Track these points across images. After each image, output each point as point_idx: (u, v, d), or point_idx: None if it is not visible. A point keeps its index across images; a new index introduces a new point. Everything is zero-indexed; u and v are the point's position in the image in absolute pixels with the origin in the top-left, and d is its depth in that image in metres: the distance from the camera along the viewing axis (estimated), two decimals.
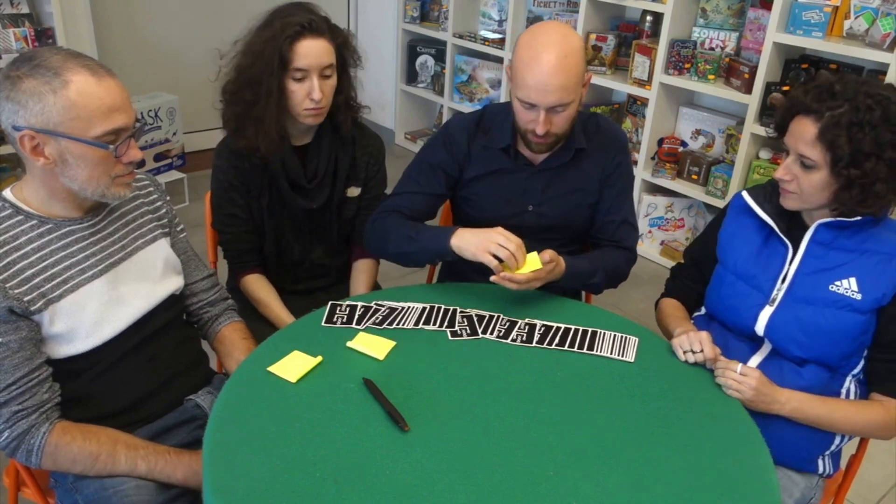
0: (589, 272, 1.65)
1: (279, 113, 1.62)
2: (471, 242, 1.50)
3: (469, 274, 1.80)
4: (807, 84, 1.36)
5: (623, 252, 1.74)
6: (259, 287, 1.78)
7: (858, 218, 1.36)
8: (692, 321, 1.63)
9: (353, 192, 1.83)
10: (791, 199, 1.40)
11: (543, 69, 1.47)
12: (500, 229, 1.49)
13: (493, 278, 1.47)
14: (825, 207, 1.39)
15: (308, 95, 1.60)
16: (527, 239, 1.73)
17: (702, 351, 1.39)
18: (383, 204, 1.74)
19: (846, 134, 1.27)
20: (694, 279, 1.65)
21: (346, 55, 1.67)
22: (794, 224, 1.46)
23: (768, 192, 1.49)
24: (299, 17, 1.56)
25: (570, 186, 1.72)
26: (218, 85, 1.68)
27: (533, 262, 1.48)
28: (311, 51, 1.57)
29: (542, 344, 1.44)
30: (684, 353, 1.40)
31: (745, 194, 1.52)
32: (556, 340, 1.45)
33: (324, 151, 1.75)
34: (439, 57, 4.48)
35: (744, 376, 1.33)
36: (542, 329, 1.48)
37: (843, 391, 1.43)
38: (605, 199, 1.74)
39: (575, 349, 1.43)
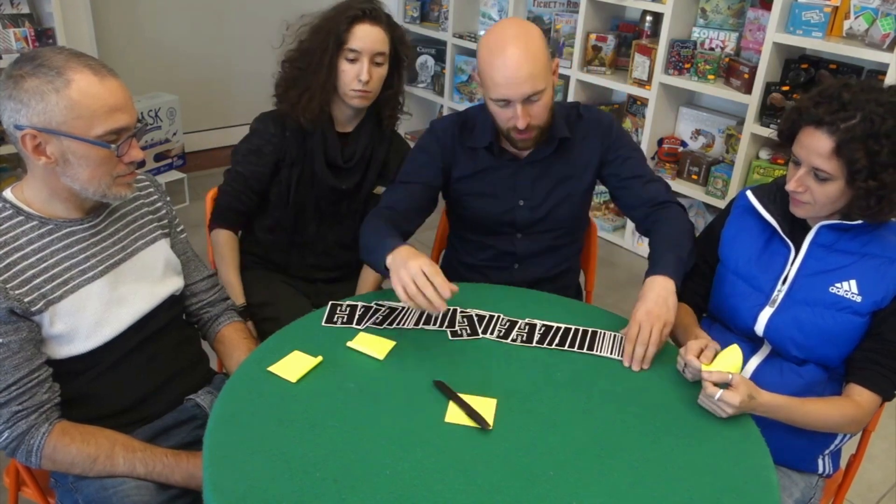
0: (684, 258, 1.52)
1: (327, 89, 1.73)
2: (395, 266, 1.35)
3: (469, 274, 1.81)
4: (813, 92, 1.34)
5: (668, 210, 1.64)
6: (226, 243, 1.82)
7: (860, 221, 1.35)
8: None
9: (380, 191, 1.89)
10: (803, 208, 1.38)
11: (509, 63, 1.48)
12: (422, 264, 1.32)
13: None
14: (837, 213, 1.39)
15: (357, 76, 1.71)
16: (521, 234, 1.73)
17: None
18: (382, 198, 1.70)
19: (863, 147, 1.25)
20: (703, 276, 1.60)
21: (400, 51, 1.79)
22: (796, 225, 1.45)
23: (773, 193, 1.48)
24: (363, 4, 1.72)
25: (560, 177, 1.71)
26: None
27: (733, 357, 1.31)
28: (367, 35, 1.70)
29: (542, 344, 1.43)
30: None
31: (749, 194, 1.50)
32: (556, 340, 1.45)
33: (363, 139, 1.85)
34: (439, 57, 4.48)
35: (729, 394, 1.24)
36: (542, 329, 1.48)
37: (843, 392, 1.42)
38: (616, 168, 1.70)
39: (575, 349, 1.43)
